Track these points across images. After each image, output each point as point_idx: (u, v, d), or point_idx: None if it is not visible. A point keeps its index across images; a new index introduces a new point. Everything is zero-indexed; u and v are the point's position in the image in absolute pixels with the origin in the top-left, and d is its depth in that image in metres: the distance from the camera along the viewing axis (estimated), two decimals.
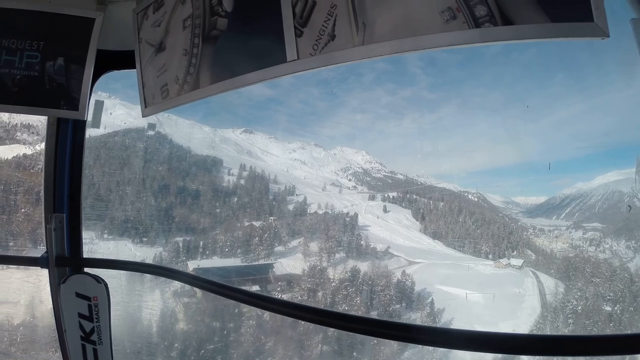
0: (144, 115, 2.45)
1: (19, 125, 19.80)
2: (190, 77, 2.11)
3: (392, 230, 25.27)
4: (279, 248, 23.96)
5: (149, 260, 19.92)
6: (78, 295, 2.60)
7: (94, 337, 2.62)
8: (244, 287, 17.86)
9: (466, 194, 27.79)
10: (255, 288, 20.23)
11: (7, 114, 18.40)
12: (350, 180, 28.91)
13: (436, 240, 25.01)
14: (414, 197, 27.43)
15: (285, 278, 22.07)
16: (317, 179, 28.59)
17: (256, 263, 23.15)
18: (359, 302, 20.41)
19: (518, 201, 27.58)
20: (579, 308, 18.53)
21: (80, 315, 2.60)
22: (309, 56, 1.70)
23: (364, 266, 22.30)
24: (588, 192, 26.19)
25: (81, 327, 2.62)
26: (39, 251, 2.76)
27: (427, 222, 26.11)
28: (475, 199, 27.32)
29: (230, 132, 30.06)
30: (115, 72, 2.72)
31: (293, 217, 26.12)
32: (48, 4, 2.42)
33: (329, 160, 30.26)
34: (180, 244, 23.30)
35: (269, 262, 23.15)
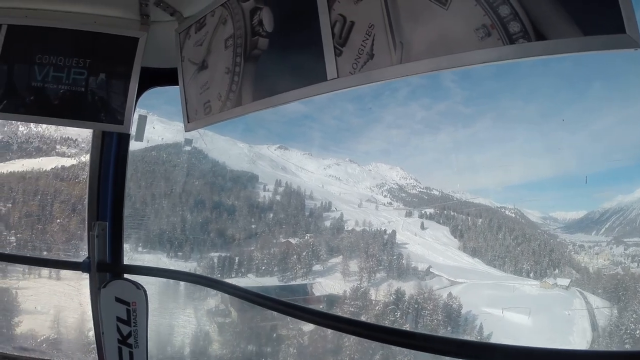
0: (186, 130, 2.55)
1: (59, 138, 20.60)
2: (232, 95, 2.19)
3: (431, 248, 24.68)
4: (317, 266, 23.49)
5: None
6: (117, 300, 2.72)
7: (131, 340, 2.73)
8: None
9: (503, 210, 26.91)
10: None
11: (48, 129, 19.30)
12: (385, 196, 28.59)
13: (475, 258, 24.33)
14: (452, 213, 26.75)
15: (326, 300, 21.41)
16: (352, 195, 28.40)
17: (294, 283, 22.55)
18: (408, 328, 19.40)
19: (556, 216, 26.67)
20: (638, 332, 17.22)
21: (119, 319, 2.71)
22: (348, 74, 1.74)
23: (406, 287, 21.52)
24: (628, 205, 24.94)
25: (119, 330, 2.73)
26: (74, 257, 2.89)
27: (466, 240, 25.49)
28: (513, 215, 26.37)
29: (265, 149, 30.45)
30: (154, 89, 2.87)
31: (330, 234, 25.76)
32: (93, 24, 2.58)
33: (364, 176, 30.12)
34: (215, 260, 23.04)
35: (308, 281, 22.67)
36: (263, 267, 23.05)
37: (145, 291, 2.79)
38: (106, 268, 2.86)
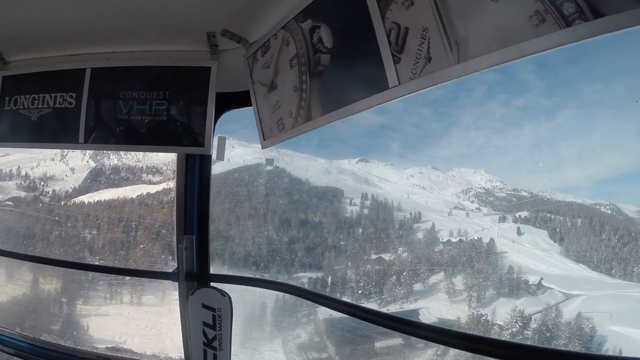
0: (263, 147, 2.73)
1: (144, 167, 21.95)
2: (302, 111, 2.32)
3: (532, 255, 22.27)
4: (417, 286, 21.51)
5: (272, 300, 18.88)
6: (204, 306, 2.97)
7: (215, 343, 2.96)
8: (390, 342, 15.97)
9: (597, 207, 23.94)
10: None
11: (134, 160, 21.26)
12: (472, 202, 26.94)
13: (580, 264, 21.37)
14: (547, 215, 24.21)
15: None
16: (438, 203, 27.09)
17: (399, 309, 20.17)
18: None
19: None
20: None
21: (205, 324, 2.97)
22: (409, 80, 1.76)
23: (523, 306, 19.19)
24: None
25: (204, 334, 2.98)
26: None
27: (567, 243, 22.56)
28: (609, 211, 23.29)
29: (346, 163, 30.17)
30: (232, 114, 3.11)
31: (425, 247, 23.96)
32: (168, 59, 2.89)
33: (448, 183, 28.81)
34: (305, 281, 21.67)
35: (411, 306, 20.41)
36: (358, 290, 21.40)
37: (229, 298, 3.03)
38: (193, 277, 3.13)
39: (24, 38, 3.01)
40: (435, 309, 19.98)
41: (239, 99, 2.96)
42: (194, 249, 3.16)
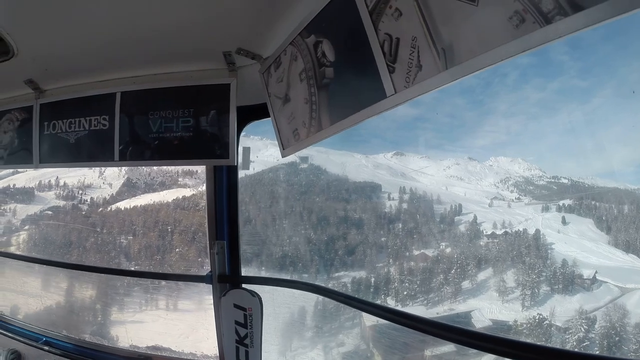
0: (283, 156, 2.88)
1: (180, 171, 22.49)
2: (314, 121, 2.44)
3: (580, 246, 21.16)
4: (465, 284, 20.62)
5: (312, 304, 18.54)
6: (236, 306, 3.21)
7: (247, 341, 3.19)
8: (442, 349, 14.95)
9: None
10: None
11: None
12: (512, 191, 25.92)
13: (630, 254, 20.24)
14: (592, 202, 22.68)
15: (492, 331, 16.55)
16: (477, 194, 26.22)
17: (448, 311, 18.96)
18: None
19: None
20: None
21: (237, 323, 3.20)
22: (404, 89, 1.83)
23: (581, 304, 17.84)
24: None
25: (237, 332, 3.21)
26: None
27: (615, 232, 21.36)
28: None
29: (382, 157, 29.78)
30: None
31: (468, 241, 23.03)
32: (190, 79, 3.12)
33: (486, 173, 27.90)
34: (347, 283, 21.17)
35: (461, 307, 19.24)
36: (403, 291, 20.44)
37: (260, 298, 3.24)
38: (226, 279, 3.37)
39: (56, 69, 3.33)
40: (487, 309, 19.31)
41: (259, 111, 3.15)
42: (225, 254, 3.40)
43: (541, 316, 18.17)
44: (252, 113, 3.23)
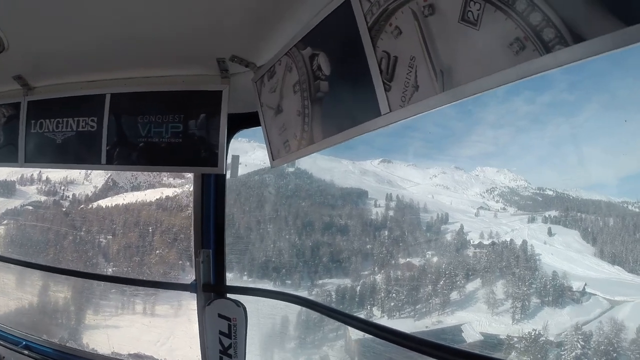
0: (272, 167, 2.86)
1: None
2: (305, 134, 2.42)
3: (567, 257, 21.36)
4: (453, 295, 20.37)
5: (295, 314, 18.13)
6: (220, 316, 3.17)
7: (231, 351, 3.15)
8: None
9: (625, 205, 22.80)
10: None
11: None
12: (497, 201, 26.32)
13: (616, 266, 20.47)
14: (577, 214, 23.02)
15: (483, 346, 16.72)
16: (463, 203, 26.46)
17: (437, 325, 18.53)
18: None
19: None
20: None
21: (221, 333, 3.16)
22: (399, 108, 1.81)
23: (573, 317, 17.73)
24: None
25: (221, 342, 3.17)
26: None
27: (601, 244, 21.62)
28: (637, 209, 22.12)
29: (369, 163, 29.94)
30: None
31: (455, 251, 22.94)
32: (182, 84, 3.07)
33: (472, 182, 28.22)
34: (332, 291, 20.81)
35: (449, 319, 18.80)
36: (390, 302, 20.00)
37: (244, 308, 3.20)
38: (210, 289, 3.32)
39: (46, 66, 3.24)
40: (475, 321, 19.15)
41: (250, 120, 3.10)
42: (210, 262, 3.34)
43: (532, 330, 18.19)
44: (242, 121, 3.19)
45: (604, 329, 17.34)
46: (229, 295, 3.30)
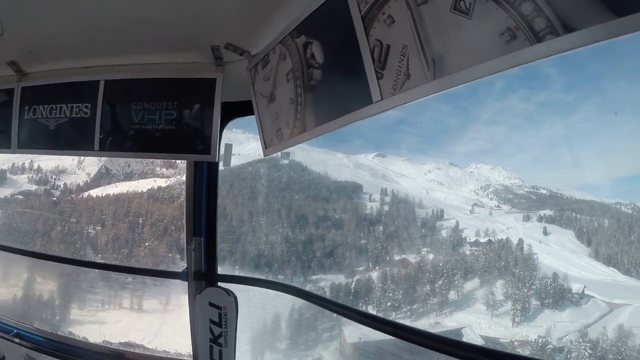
0: (265, 155, 2.85)
1: (159, 161, 22.14)
2: (298, 122, 2.43)
3: (562, 257, 21.43)
4: (451, 295, 20.36)
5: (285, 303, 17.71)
6: (211, 304, 3.17)
7: (221, 340, 3.16)
8: None
9: (618, 206, 22.97)
10: None
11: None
12: (491, 199, 26.39)
13: (611, 267, 20.80)
14: (572, 214, 23.24)
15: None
16: (458, 199, 26.50)
17: (434, 326, 18.30)
18: None
19: None
20: None
21: (211, 321, 3.16)
22: (390, 96, 1.82)
23: (573, 320, 17.72)
24: None
25: (211, 331, 3.17)
26: None
27: (596, 245, 21.80)
28: (630, 211, 22.28)
29: (364, 157, 29.93)
30: None
31: (451, 248, 22.88)
32: (176, 71, 3.06)
33: (467, 179, 28.31)
34: (325, 288, 20.58)
35: (446, 320, 18.74)
36: (386, 301, 19.77)
37: (235, 297, 3.22)
38: (202, 277, 3.34)
39: (40, 51, 3.22)
40: (476, 324, 19.19)
41: (244, 108, 3.10)
42: (202, 251, 3.35)
43: (530, 332, 18.31)
44: (236, 109, 3.19)
45: (605, 332, 17.50)
46: (220, 284, 3.32)
